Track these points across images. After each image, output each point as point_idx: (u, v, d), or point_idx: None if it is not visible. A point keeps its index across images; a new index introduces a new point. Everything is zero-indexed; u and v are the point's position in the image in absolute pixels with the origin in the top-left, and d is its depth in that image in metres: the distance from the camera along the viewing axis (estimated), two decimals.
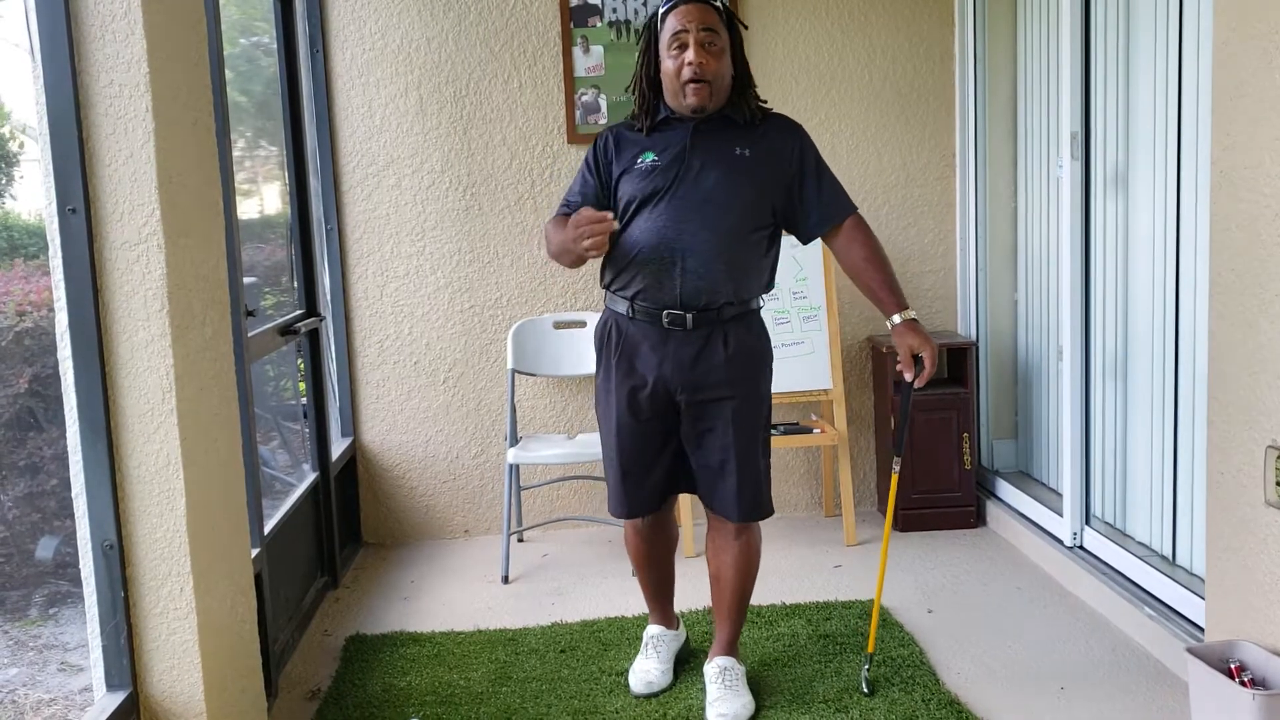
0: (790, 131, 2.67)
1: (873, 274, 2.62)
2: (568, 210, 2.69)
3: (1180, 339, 3.05)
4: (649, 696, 2.83)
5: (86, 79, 2.07)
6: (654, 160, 2.59)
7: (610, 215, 2.49)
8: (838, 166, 4.23)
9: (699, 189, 2.56)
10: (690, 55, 2.50)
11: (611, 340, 2.69)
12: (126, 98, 2.08)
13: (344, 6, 4.03)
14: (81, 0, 2.05)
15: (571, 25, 4.09)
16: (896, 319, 2.60)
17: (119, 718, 2.14)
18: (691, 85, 2.52)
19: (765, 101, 2.70)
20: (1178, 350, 3.07)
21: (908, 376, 2.61)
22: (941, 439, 4.05)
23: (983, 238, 4.23)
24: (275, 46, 3.68)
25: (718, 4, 2.56)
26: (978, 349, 4.20)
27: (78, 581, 2.31)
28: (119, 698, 2.17)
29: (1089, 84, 3.44)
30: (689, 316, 2.58)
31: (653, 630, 2.99)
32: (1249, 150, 2.29)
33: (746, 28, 2.70)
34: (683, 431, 2.70)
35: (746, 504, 2.68)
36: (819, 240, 2.73)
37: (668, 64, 2.55)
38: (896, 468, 2.85)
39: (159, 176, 2.11)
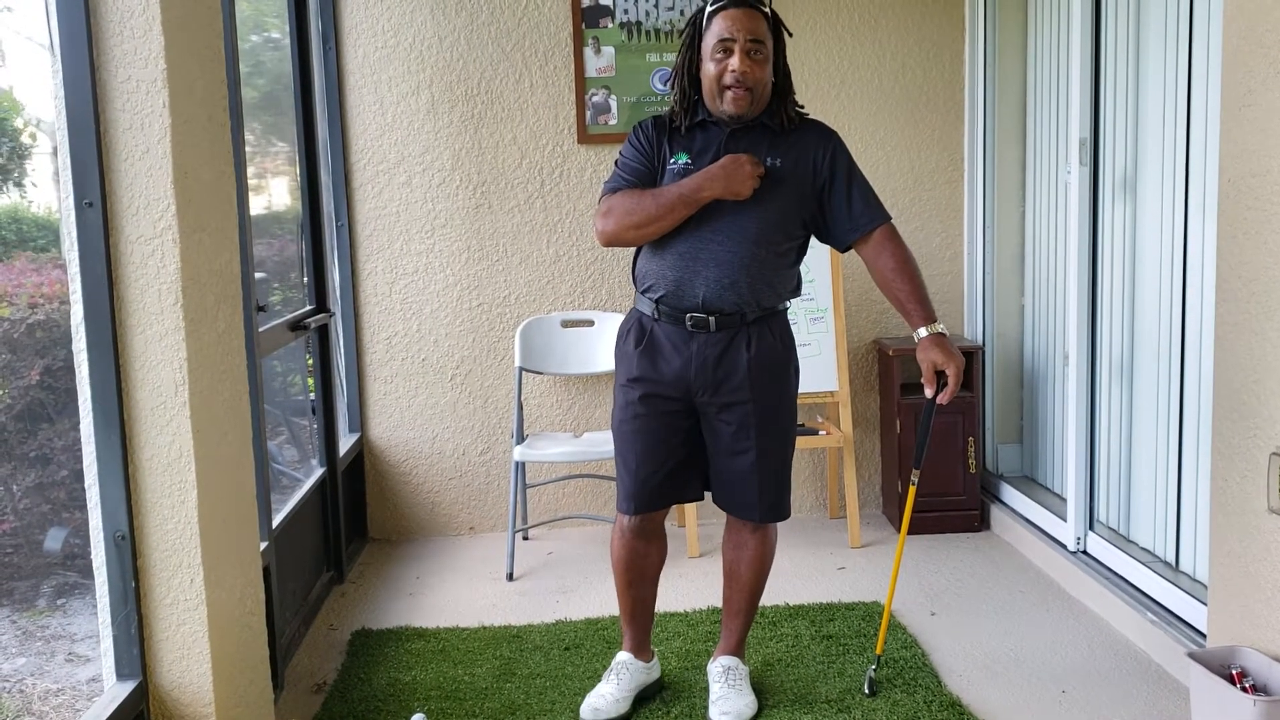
0: (823, 138, 2.62)
1: (901, 285, 2.57)
2: (633, 181, 2.59)
3: (1186, 345, 3.06)
4: None
5: (104, 74, 2.09)
6: (686, 163, 2.57)
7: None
8: None
9: (725, 200, 2.52)
10: (735, 63, 2.46)
11: (633, 336, 2.67)
12: (144, 93, 2.10)
13: (357, 4, 4.05)
14: None
15: (583, 26, 4.11)
16: (923, 332, 2.56)
17: (129, 707, 2.16)
18: (732, 92, 2.49)
19: (803, 106, 2.66)
20: (1183, 356, 3.08)
21: (928, 392, 2.57)
22: (947, 442, 4.06)
23: (990, 242, 4.24)
24: (285, 42, 3.70)
25: (766, 9, 2.52)
26: (984, 353, 4.21)
27: (85, 572, 2.32)
28: (129, 687, 2.18)
29: (1098, 90, 3.45)
30: (712, 320, 2.57)
31: (621, 657, 2.84)
32: (1257, 158, 2.30)
33: (791, 35, 2.63)
34: (705, 435, 2.68)
35: (767, 506, 2.68)
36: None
37: (710, 66, 2.51)
38: (915, 480, 2.82)
39: (175, 172, 2.13)
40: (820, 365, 4.05)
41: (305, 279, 3.79)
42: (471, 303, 4.21)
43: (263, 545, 2.82)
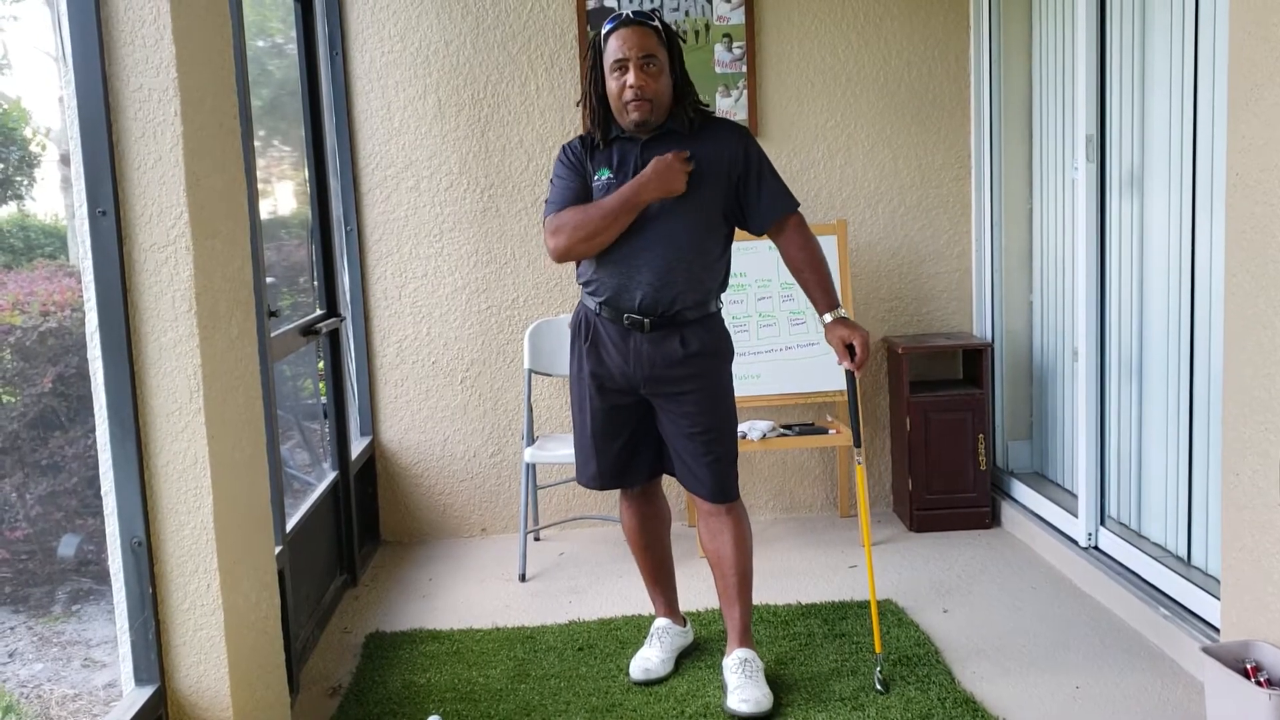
0: (734, 135, 2.80)
1: (809, 274, 2.82)
2: (572, 199, 2.76)
3: (1195, 340, 3.06)
4: (646, 684, 2.92)
5: (117, 83, 2.11)
6: (609, 177, 2.75)
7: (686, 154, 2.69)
8: (853, 167, 4.26)
9: (651, 208, 2.70)
10: (631, 78, 2.66)
11: (582, 330, 2.86)
12: (155, 102, 2.12)
13: (363, 9, 4.07)
14: (112, 5, 2.09)
15: (588, 28, 4.11)
16: (828, 318, 2.80)
17: (147, 712, 2.17)
18: (633, 104, 2.68)
19: (706, 104, 2.84)
20: (1193, 351, 3.08)
21: (846, 366, 2.78)
22: (957, 440, 4.06)
23: (998, 239, 4.24)
24: (290, 48, 3.71)
25: (655, 24, 2.71)
26: (993, 350, 4.21)
27: (99, 578, 2.33)
28: (147, 692, 2.20)
29: (1104, 86, 3.45)
30: (647, 321, 2.75)
31: (659, 623, 3.10)
32: (1264, 152, 2.30)
33: (685, 41, 2.80)
34: (658, 422, 2.86)
35: (717, 486, 2.82)
36: (834, 239, 2.81)
37: (611, 85, 2.71)
38: (860, 459, 2.98)
39: (187, 179, 2.15)
40: (830, 364, 4.05)
41: (315, 283, 3.81)
42: (480, 305, 4.22)
43: (277, 549, 2.84)
